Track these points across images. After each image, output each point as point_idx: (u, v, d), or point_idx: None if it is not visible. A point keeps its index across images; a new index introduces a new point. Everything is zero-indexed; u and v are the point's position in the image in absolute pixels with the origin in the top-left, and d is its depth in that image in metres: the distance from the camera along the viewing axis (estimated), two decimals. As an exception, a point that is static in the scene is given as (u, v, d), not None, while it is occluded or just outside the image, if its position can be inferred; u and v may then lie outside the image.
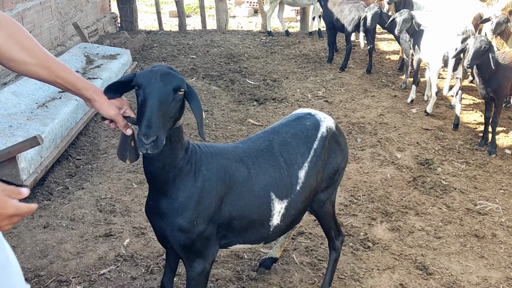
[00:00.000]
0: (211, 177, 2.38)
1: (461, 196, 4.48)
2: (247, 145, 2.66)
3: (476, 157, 5.27)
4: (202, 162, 2.38)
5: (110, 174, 4.64)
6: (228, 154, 2.51)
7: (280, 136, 2.73)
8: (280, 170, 2.61)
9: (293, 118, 2.91)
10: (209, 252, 2.45)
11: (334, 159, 2.86)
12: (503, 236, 3.91)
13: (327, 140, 2.81)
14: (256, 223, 2.56)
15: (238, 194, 2.48)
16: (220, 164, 2.44)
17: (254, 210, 2.52)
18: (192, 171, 2.32)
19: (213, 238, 2.46)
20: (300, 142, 2.73)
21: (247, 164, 2.54)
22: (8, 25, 1.84)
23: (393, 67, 8.57)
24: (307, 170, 2.69)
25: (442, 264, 3.55)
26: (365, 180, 4.71)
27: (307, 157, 2.71)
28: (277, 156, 2.63)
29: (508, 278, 3.43)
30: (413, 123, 6.11)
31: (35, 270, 3.31)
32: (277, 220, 2.62)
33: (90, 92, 2.08)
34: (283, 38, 10.57)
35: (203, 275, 2.46)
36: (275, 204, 2.58)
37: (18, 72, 1.92)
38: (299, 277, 3.36)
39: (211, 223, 2.40)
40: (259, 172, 2.55)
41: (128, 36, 9.48)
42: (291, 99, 6.90)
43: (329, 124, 2.87)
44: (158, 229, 2.39)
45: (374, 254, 3.63)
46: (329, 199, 2.92)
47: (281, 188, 2.60)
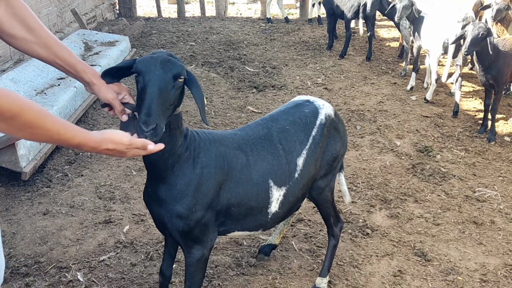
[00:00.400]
0: (209, 164, 2.38)
1: (460, 183, 4.49)
2: (245, 132, 2.66)
3: (475, 144, 5.27)
4: (200, 149, 2.37)
5: (109, 161, 4.64)
6: (226, 141, 2.51)
7: (278, 123, 2.72)
8: (278, 158, 2.61)
9: (292, 105, 2.90)
10: (207, 238, 2.45)
11: (333, 146, 2.86)
12: (501, 223, 3.92)
13: (325, 127, 2.81)
14: (254, 210, 2.56)
15: (236, 181, 2.48)
16: (218, 151, 2.43)
17: (252, 197, 2.53)
18: (191, 158, 2.32)
19: (212, 225, 2.46)
20: (299, 129, 2.73)
21: (246, 151, 2.54)
22: (14, 3, 1.88)
23: (393, 54, 8.54)
24: (305, 158, 2.69)
25: (441, 250, 3.57)
26: (364, 168, 4.72)
27: (306, 145, 2.71)
28: (276, 143, 2.63)
29: (506, 264, 3.45)
30: (413, 111, 6.10)
31: (35, 256, 3.32)
32: (276, 207, 2.62)
33: (89, 75, 2.08)
34: (283, 25, 10.52)
35: (202, 261, 2.47)
36: (274, 192, 2.58)
37: (19, 49, 1.95)
38: (298, 263, 3.38)
39: (210, 210, 2.41)
40: (257, 159, 2.55)
41: (126, 22, 9.43)
42: (290, 86, 6.88)
43: (327, 111, 2.86)
44: (157, 216, 2.39)
45: (373, 241, 3.64)
46: (328, 186, 2.92)
47: (279, 176, 2.60)
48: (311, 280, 3.22)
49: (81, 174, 4.39)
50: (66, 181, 4.27)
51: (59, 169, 4.48)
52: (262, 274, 3.25)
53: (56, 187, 4.18)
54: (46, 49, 1.97)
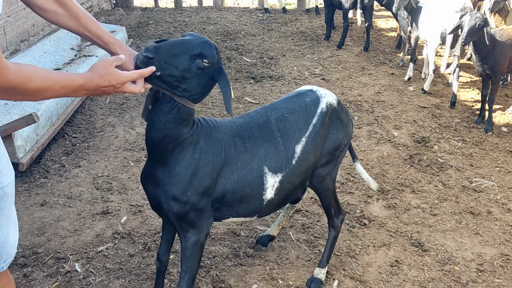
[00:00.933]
0: (207, 149, 2.42)
1: (457, 174, 4.50)
2: (244, 120, 2.70)
3: (472, 135, 5.28)
4: (201, 135, 2.41)
5: (107, 152, 4.63)
6: (225, 128, 2.55)
7: (278, 111, 2.75)
8: (275, 144, 2.63)
9: (293, 94, 2.94)
10: (202, 223, 2.48)
11: (335, 135, 2.87)
12: (498, 213, 3.94)
13: (327, 116, 2.81)
14: (248, 196, 2.59)
15: (232, 167, 2.51)
16: (217, 138, 2.47)
17: (246, 183, 2.55)
18: (192, 143, 2.36)
19: (207, 211, 2.49)
20: (299, 117, 2.75)
21: (243, 138, 2.57)
22: None
23: (390, 44, 8.52)
24: (304, 145, 2.70)
25: (438, 240, 3.59)
26: (361, 158, 4.72)
27: (305, 132, 2.72)
28: (274, 130, 2.65)
29: (503, 254, 3.47)
30: (410, 101, 6.10)
31: (33, 247, 3.32)
32: (271, 194, 2.63)
33: (115, 46, 2.19)
34: (280, 15, 10.47)
35: (197, 246, 2.49)
36: (268, 178, 2.60)
37: (50, 21, 2.10)
38: (296, 254, 3.39)
39: (206, 195, 2.44)
40: (253, 146, 2.58)
41: (123, 13, 9.38)
42: (288, 77, 6.87)
43: (329, 100, 2.86)
44: (153, 196, 2.42)
45: (370, 231, 3.66)
46: (330, 175, 2.93)
47: (275, 162, 2.62)
48: (309, 270, 3.23)
49: (78, 165, 4.39)
50: (64, 172, 4.27)
51: (56, 160, 4.47)
52: (260, 265, 3.26)
53: (54, 178, 4.17)
54: (75, 21, 2.10)
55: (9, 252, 1.88)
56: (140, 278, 3.09)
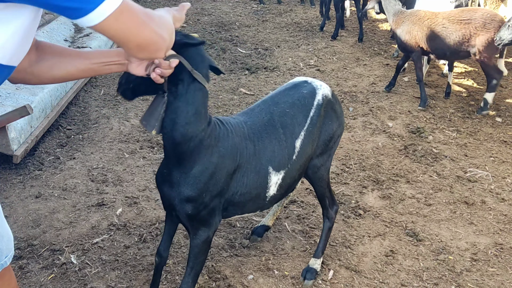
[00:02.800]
0: (225, 154, 2.41)
1: (452, 164, 4.51)
2: (252, 120, 2.67)
3: (467, 125, 5.29)
4: (220, 138, 2.39)
5: (101, 144, 4.61)
6: (239, 131, 2.53)
7: (279, 107, 2.75)
8: (279, 143, 2.64)
9: (290, 86, 2.92)
10: (213, 221, 2.49)
11: (329, 126, 2.88)
12: (492, 202, 3.96)
13: (322, 107, 2.82)
14: (254, 196, 2.61)
15: (243, 171, 2.52)
16: (234, 142, 2.46)
17: (254, 185, 2.57)
18: (211, 146, 2.34)
19: (218, 210, 2.50)
20: (298, 111, 2.75)
21: (253, 140, 2.57)
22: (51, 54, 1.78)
23: (385, 35, 8.51)
24: (303, 139, 2.71)
25: (432, 230, 3.60)
26: (356, 149, 4.73)
27: (304, 126, 2.73)
28: (278, 128, 2.66)
29: (497, 243, 3.49)
30: (405, 92, 6.11)
31: (28, 239, 3.32)
32: (274, 190, 2.66)
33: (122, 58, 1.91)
34: (275, 6, 10.43)
35: (207, 243, 2.51)
36: (272, 177, 2.62)
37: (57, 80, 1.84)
38: (291, 244, 3.40)
39: (218, 196, 2.45)
40: (262, 147, 2.59)
41: (117, 4, 9.30)
42: (283, 68, 6.85)
43: (325, 91, 2.87)
44: (167, 198, 2.42)
45: (365, 222, 3.67)
46: (324, 166, 2.94)
47: (279, 161, 2.64)
48: (304, 260, 3.24)
49: (73, 157, 4.37)
50: (58, 164, 4.25)
51: (50, 152, 4.45)
52: (255, 255, 3.27)
53: (48, 170, 4.16)
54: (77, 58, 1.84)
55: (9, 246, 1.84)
56: (136, 270, 3.09)
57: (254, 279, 3.07)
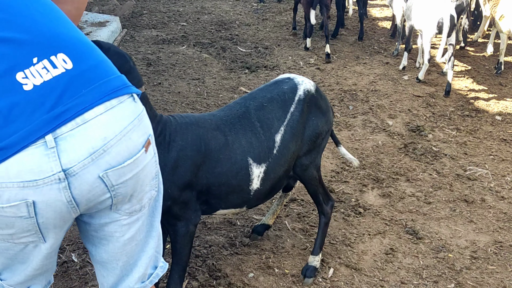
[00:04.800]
0: (185, 146, 2.42)
1: (451, 162, 4.52)
2: (224, 112, 2.70)
3: (466, 124, 5.30)
4: (177, 133, 2.41)
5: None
6: (204, 123, 2.55)
7: (256, 101, 2.75)
8: (256, 135, 2.64)
9: (271, 83, 2.93)
10: (189, 216, 2.50)
11: (314, 122, 2.86)
12: (491, 201, 3.97)
13: (305, 103, 2.81)
14: (235, 188, 2.61)
15: (215, 161, 2.52)
16: (196, 134, 2.47)
17: (232, 175, 2.57)
18: (166, 143, 2.36)
19: (192, 202, 2.51)
20: (277, 106, 2.75)
21: (224, 131, 2.58)
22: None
23: (385, 34, 8.51)
24: (283, 134, 2.71)
25: (432, 228, 3.62)
26: (356, 147, 4.74)
27: (284, 121, 2.72)
28: (253, 121, 2.66)
29: (496, 241, 3.50)
30: (405, 90, 6.11)
31: (29, 238, 3.33)
32: (257, 184, 2.66)
33: None
34: (275, 5, 10.43)
35: (187, 237, 2.51)
36: (253, 169, 2.62)
37: None
38: (291, 242, 3.41)
39: (188, 189, 2.45)
40: (235, 138, 2.59)
41: (117, 3, 9.32)
42: (283, 66, 6.86)
43: (307, 87, 2.86)
44: None
45: (365, 220, 3.68)
46: (313, 163, 2.93)
47: (258, 153, 2.63)
48: (304, 259, 3.25)
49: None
50: (59, 163, 4.26)
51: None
52: (256, 254, 3.28)
53: (49, 169, 4.16)
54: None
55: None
56: (137, 268, 3.10)
57: (254, 277, 3.08)
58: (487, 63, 7.09)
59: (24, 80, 1.38)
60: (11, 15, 1.45)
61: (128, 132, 1.50)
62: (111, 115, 1.46)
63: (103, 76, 1.50)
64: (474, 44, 7.86)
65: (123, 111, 1.50)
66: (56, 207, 1.44)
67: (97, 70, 1.50)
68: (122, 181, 1.52)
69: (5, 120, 1.34)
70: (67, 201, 1.44)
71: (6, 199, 1.37)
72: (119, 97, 1.50)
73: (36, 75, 1.39)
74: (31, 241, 1.50)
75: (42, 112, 1.37)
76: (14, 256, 1.55)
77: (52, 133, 1.37)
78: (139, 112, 1.56)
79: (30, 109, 1.36)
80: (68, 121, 1.39)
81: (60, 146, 1.38)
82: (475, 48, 7.72)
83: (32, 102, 1.37)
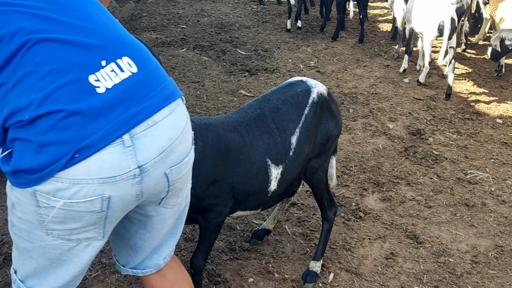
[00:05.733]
0: (206, 147, 2.44)
1: (452, 166, 4.51)
2: (239, 114, 2.72)
3: (467, 127, 5.29)
4: (197, 135, 2.41)
5: (101, 146, 4.61)
6: (222, 125, 2.57)
7: (271, 103, 2.76)
8: (273, 136, 2.67)
9: (284, 85, 2.95)
10: (219, 207, 2.55)
11: (326, 125, 2.88)
12: (492, 204, 3.95)
13: (318, 106, 2.82)
14: (256, 188, 2.63)
15: (236, 161, 2.54)
16: (215, 135, 2.49)
17: (252, 175, 2.60)
18: None
19: (223, 194, 2.55)
20: (291, 108, 2.76)
21: (241, 132, 2.60)
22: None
23: (385, 36, 8.50)
24: (298, 136, 2.73)
25: (432, 233, 3.60)
26: (357, 151, 4.73)
27: (299, 123, 2.74)
28: (269, 122, 2.68)
29: (497, 246, 3.48)
30: (405, 93, 6.10)
31: (28, 243, 3.31)
32: (274, 185, 2.68)
33: None
34: (275, 7, 10.43)
35: (217, 226, 2.58)
36: (272, 170, 2.65)
37: None
38: (291, 247, 3.40)
39: (214, 185, 2.49)
40: (253, 139, 2.61)
41: (116, 5, 9.31)
42: (283, 69, 6.85)
43: (320, 90, 2.87)
44: None
45: (365, 224, 3.67)
46: (322, 167, 2.93)
47: (275, 154, 2.66)
48: (304, 263, 3.24)
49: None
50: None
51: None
52: (256, 258, 3.26)
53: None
54: None
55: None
56: (136, 273, 3.09)
57: (254, 282, 3.06)
58: (488, 65, 7.08)
59: (97, 83, 1.47)
60: (73, 18, 1.53)
61: (185, 132, 1.67)
62: (174, 117, 1.61)
63: (162, 80, 1.63)
64: (475, 47, 7.85)
65: (181, 113, 1.66)
66: (126, 200, 1.57)
67: (156, 74, 1.63)
68: (179, 176, 1.69)
69: (85, 121, 1.43)
70: (136, 194, 1.58)
71: (83, 195, 1.47)
72: (176, 100, 1.64)
73: (106, 78, 1.49)
74: (88, 237, 1.60)
75: (118, 113, 1.48)
76: (57, 257, 1.61)
77: (128, 133, 1.49)
78: (187, 113, 1.73)
79: (107, 111, 1.46)
80: (141, 122, 1.51)
81: (135, 145, 1.50)
82: (476, 50, 7.71)
83: (107, 103, 1.47)
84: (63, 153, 1.42)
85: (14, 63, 1.42)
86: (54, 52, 1.45)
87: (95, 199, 1.49)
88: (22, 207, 1.53)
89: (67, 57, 1.46)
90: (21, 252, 1.65)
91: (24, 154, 1.43)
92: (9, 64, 1.42)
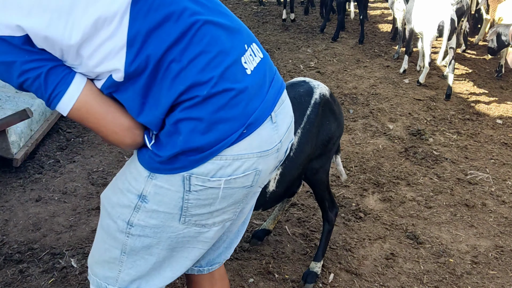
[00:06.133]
0: None
1: (452, 166, 4.51)
2: None
3: (467, 127, 5.29)
4: None
5: (101, 147, 4.61)
6: None
7: None
8: None
9: (287, 85, 2.92)
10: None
11: (328, 127, 2.87)
12: (492, 205, 3.95)
13: (320, 106, 2.82)
14: None
15: None
16: None
17: None
18: None
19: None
20: (294, 108, 2.75)
21: None
22: None
23: (386, 37, 8.51)
24: (300, 136, 2.71)
25: (433, 233, 3.60)
26: (357, 151, 4.73)
27: (301, 124, 2.73)
28: None
29: (497, 246, 3.49)
30: (406, 94, 6.10)
31: (28, 243, 3.32)
32: (273, 186, 2.67)
33: None
34: (275, 8, 10.44)
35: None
36: None
37: None
38: (292, 248, 3.40)
39: None
40: None
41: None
42: (283, 70, 6.85)
43: (322, 91, 2.87)
44: None
45: (365, 225, 3.67)
46: (323, 168, 2.93)
47: None
48: (305, 264, 3.24)
49: (73, 160, 4.37)
50: (58, 168, 4.25)
51: (50, 155, 4.45)
52: (256, 259, 3.26)
53: (48, 174, 4.16)
54: None
55: None
56: (136, 273, 3.09)
57: (254, 282, 3.06)
58: (488, 66, 7.09)
59: (246, 65, 1.56)
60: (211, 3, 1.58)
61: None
62: (288, 97, 1.76)
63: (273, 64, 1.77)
64: (474, 47, 7.86)
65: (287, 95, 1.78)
66: (265, 174, 1.66)
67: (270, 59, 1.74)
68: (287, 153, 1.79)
69: (248, 99, 1.52)
70: (273, 168, 1.71)
71: (243, 170, 1.54)
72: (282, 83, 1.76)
73: (248, 61, 1.58)
74: (224, 218, 1.66)
75: (264, 92, 1.59)
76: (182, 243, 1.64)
77: (273, 110, 1.61)
78: None
79: (256, 90, 1.57)
80: (277, 101, 1.64)
81: (277, 121, 1.63)
82: (475, 51, 7.72)
83: (255, 84, 1.57)
84: (233, 130, 1.49)
85: (185, 42, 1.45)
86: (217, 34, 1.51)
87: (250, 173, 1.57)
88: (161, 197, 1.53)
89: (226, 39, 1.53)
90: (130, 255, 1.63)
91: (192, 134, 1.46)
92: (180, 41, 1.45)
